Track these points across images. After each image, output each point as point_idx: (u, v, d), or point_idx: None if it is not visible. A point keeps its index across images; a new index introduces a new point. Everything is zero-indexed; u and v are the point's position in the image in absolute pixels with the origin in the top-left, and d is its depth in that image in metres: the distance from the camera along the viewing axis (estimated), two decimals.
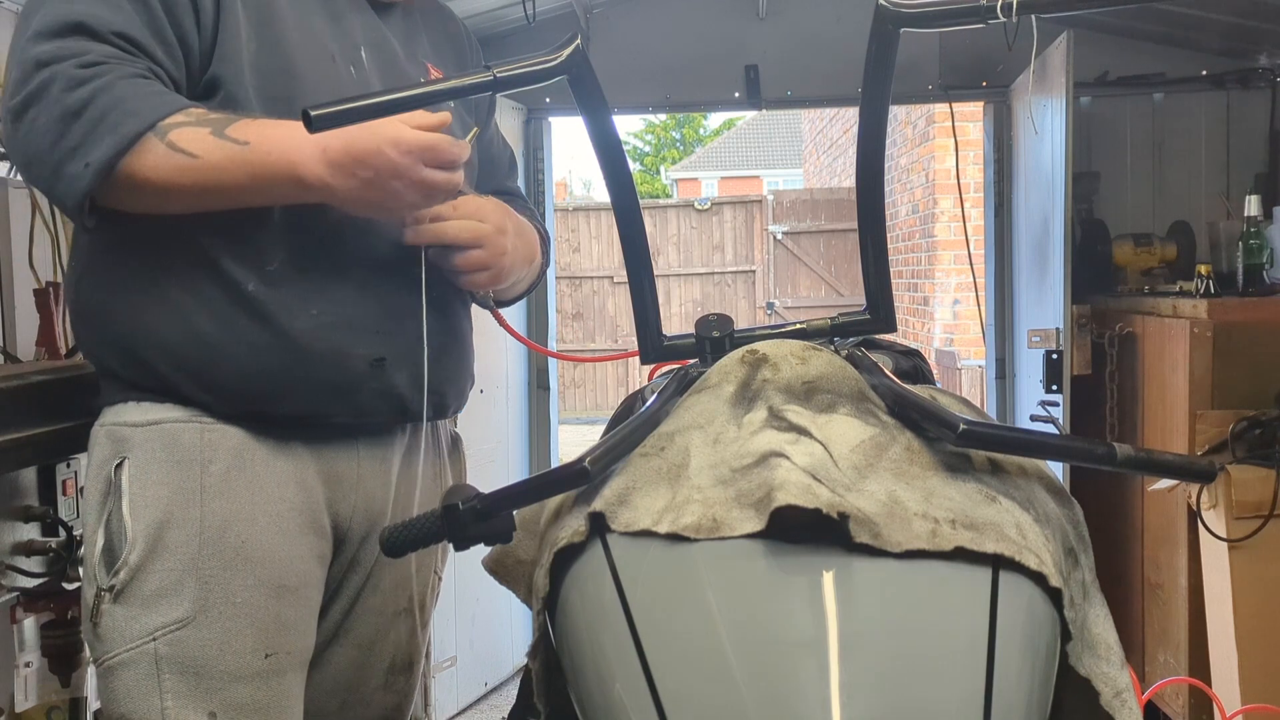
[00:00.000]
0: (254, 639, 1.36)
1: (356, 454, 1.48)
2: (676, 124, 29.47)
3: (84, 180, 1.23)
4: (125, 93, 1.24)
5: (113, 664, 1.34)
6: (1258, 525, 2.71)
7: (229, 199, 1.30)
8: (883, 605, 0.93)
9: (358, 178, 1.25)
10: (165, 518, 1.35)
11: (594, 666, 0.97)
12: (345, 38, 1.46)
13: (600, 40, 3.94)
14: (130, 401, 1.39)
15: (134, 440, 1.37)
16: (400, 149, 1.22)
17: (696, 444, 1.09)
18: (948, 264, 7.63)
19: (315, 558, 1.44)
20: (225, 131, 1.26)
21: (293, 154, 1.25)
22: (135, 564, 1.34)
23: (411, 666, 1.64)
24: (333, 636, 1.53)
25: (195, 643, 1.34)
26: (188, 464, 1.37)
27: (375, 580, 1.54)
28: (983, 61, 3.92)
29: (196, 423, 1.38)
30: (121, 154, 1.23)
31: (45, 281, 2.05)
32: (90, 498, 1.39)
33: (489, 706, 3.94)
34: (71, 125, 1.23)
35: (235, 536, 1.37)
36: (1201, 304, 2.99)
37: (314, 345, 1.38)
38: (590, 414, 11.58)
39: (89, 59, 1.25)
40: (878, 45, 1.22)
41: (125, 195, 1.28)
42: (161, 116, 1.25)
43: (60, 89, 1.23)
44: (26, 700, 1.68)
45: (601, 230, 12.01)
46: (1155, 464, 1.09)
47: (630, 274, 1.37)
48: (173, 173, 1.25)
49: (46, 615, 1.69)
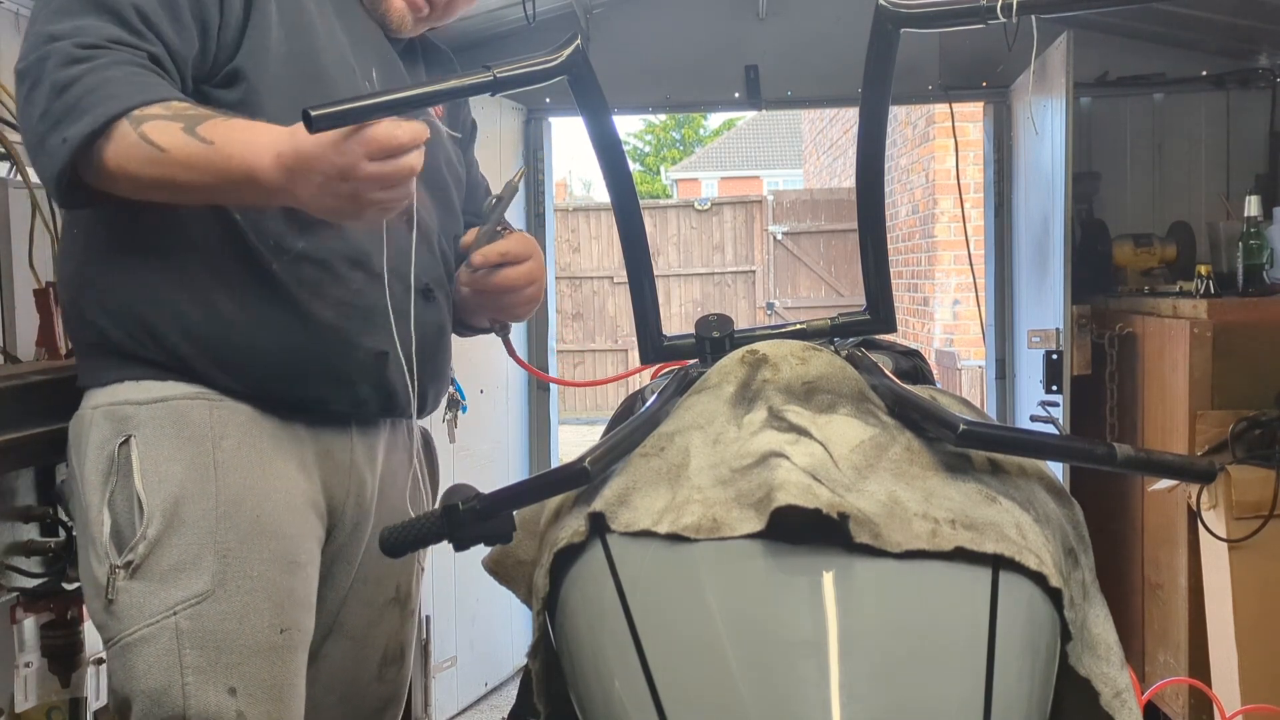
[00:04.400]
0: (270, 613, 1.37)
1: (350, 441, 1.50)
2: (676, 124, 29.47)
3: (61, 154, 1.25)
4: (112, 75, 1.26)
5: (131, 640, 1.33)
6: (1258, 525, 2.71)
7: (198, 195, 1.31)
8: (883, 605, 0.93)
9: (311, 183, 1.23)
10: (181, 492, 1.35)
11: (594, 666, 0.97)
12: (361, 57, 1.50)
13: (600, 40, 3.94)
14: (126, 381, 1.39)
15: (139, 418, 1.37)
16: (337, 148, 1.19)
17: (696, 444, 1.09)
18: (948, 264, 7.63)
19: (314, 538, 1.46)
20: (196, 129, 1.26)
21: (250, 158, 1.24)
22: (154, 538, 1.34)
23: (403, 657, 1.65)
24: (328, 631, 1.54)
25: (215, 616, 1.34)
26: (199, 440, 1.38)
27: (364, 571, 1.56)
28: (983, 61, 3.92)
29: (204, 400, 1.39)
30: (97, 134, 1.24)
31: (45, 281, 2.04)
32: (90, 479, 1.38)
33: (489, 706, 3.94)
34: (56, 100, 1.25)
35: (250, 510, 1.38)
36: (1201, 304, 2.99)
37: (328, 331, 1.41)
38: (590, 414, 11.57)
39: (88, 40, 1.27)
40: (878, 45, 1.22)
41: (102, 178, 1.28)
42: (140, 104, 1.25)
43: (55, 64, 1.25)
44: (26, 700, 1.68)
45: (601, 230, 12.01)
46: (1155, 464, 1.09)
47: (630, 274, 1.37)
48: (141, 163, 1.26)
49: (46, 615, 1.69)
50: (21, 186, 2.02)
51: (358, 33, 1.52)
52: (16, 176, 2.02)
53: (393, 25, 1.56)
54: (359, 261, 1.42)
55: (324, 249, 1.40)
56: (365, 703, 1.61)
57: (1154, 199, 3.95)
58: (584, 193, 29.97)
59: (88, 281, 1.42)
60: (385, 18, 1.55)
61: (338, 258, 1.41)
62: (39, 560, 1.64)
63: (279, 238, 1.38)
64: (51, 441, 1.57)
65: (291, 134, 1.22)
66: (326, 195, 1.24)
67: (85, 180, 1.29)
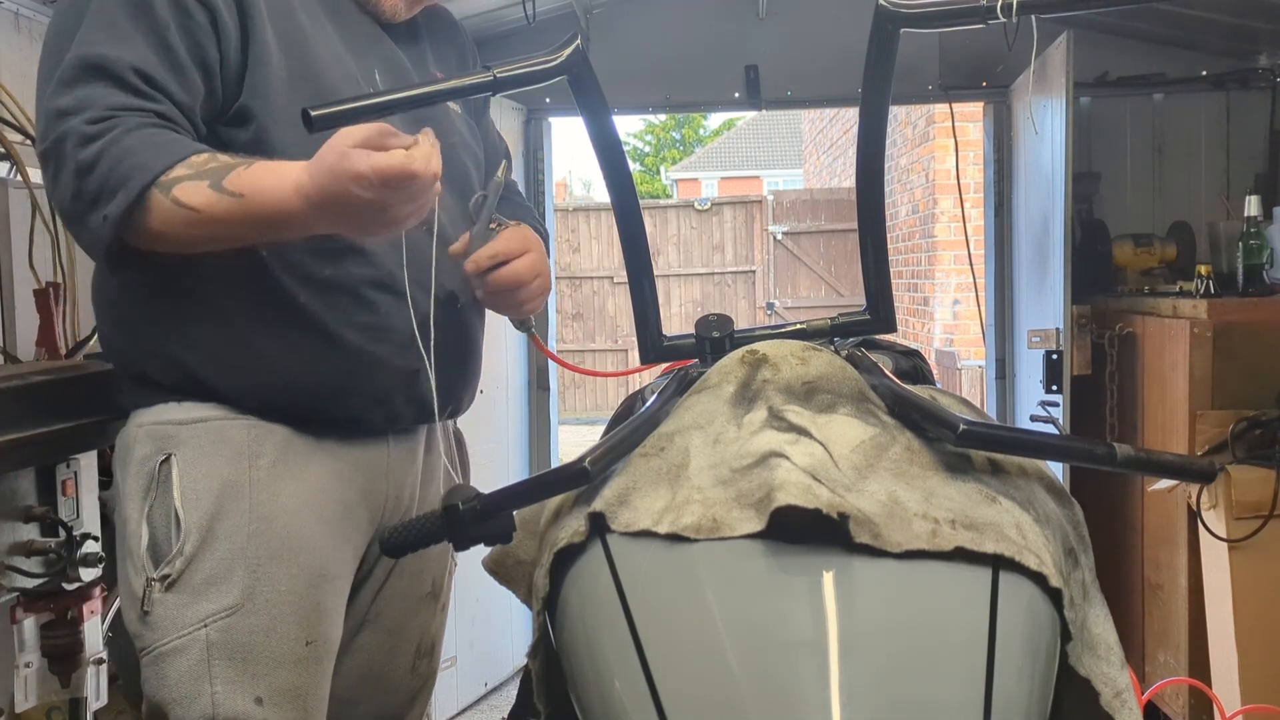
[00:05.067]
0: (297, 626, 1.41)
1: (387, 448, 1.53)
2: (676, 124, 29.47)
3: (105, 232, 1.29)
4: (130, 145, 1.28)
5: (164, 650, 1.38)
6: (1258, 525, 2.71)
7: (239, 242, 1.34)
8: (883, 605, 0.93)
9: (344, 215, 1.26)
10: (216, 509, 1.39)
11: (594, 666, 0.97)
12: (362, 60, 1.50)
13: (600, 40, 3.93)
14: (171, 402, 1.43)
15: (180, 437, 1.41)
16: (364, 187, 1.21)
17: (696, 444, 1.09)
18: (948, 264, 7.63)
19: (351, 548, 1.50)
20: (223, 184, 1.28)
21: (281, 205, 1.27)
22: (190, 553, 1.38)
23: (434, 650, 1.72)
24: (361, 623, 1.59)
25: (244, 629, 1.38)
26: (236, 458, 1.41)
27: (400, 566, 1.59)
28: (983, 61, 3.92)
29: (243, 420, 1.43)
30: (133, 208, 1.27)
31: (45, 282, 2.05)
32: (130, 493, 1.42)
33: (489, 706, 3.94)
34: (85, 180, 1.28)
35: (281, 527, 1.41)
36: (1201, 304, 2.99)
37: (359, 355, 1.44)
38: (590, 414, 11.58)
39: (97, 114, 1.29)
40: (878, 45, 1.22)
41: (146, 242, 1.32)
42: (164, 170, 1.28)
43: (73, 145, 1.28)
44: (26, 700, 1.68)
45: (601, 230, 12.01)
46: (1155, 464, 1.09)
47: (630, 274, 1.37)
48: (180, 226, 1.29)
49: (46, 615, 1.69)
50: (21, 186, 2.02)
51: (354, 32, 1.51)
52: (16, 176, 2.02)
53: (386, 14, 1.55)
54: (384, 284, 1.44)
55: (349, 275, 1.42)
56: (398, 694, 1.66)
57: (1154, 199, 3.95)
58: (584, 193, 29.97)
59: (123, 323, 1.47)
60: (377, 7, 1.55)
61: (363, 283, 1.43)
62: (39, 560, 1.64)
63: (304, 268, 1.40)
64: (51, 441, 1.57)
65: (312, 175, 1.24)
66: (362, 222, 1.27)
67: (130, 245, 1.32)
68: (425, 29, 1.66)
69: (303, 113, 1.15)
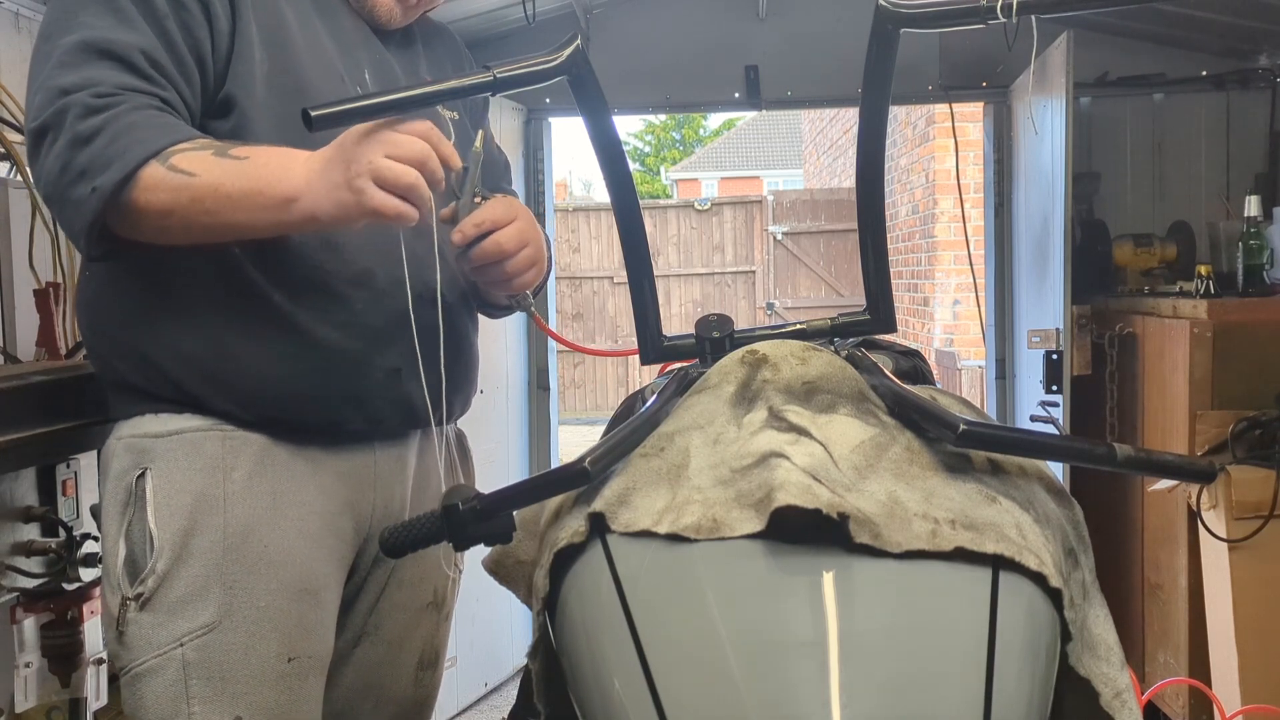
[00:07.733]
0: (277, 643, 1.38)
1: (373, 455, 1.50)
2: (676, 124, 29.46)
3: (90, 204, 1.24)
4: (135, 120, 1.26)
5: (140, 671, 1.35)
6: (1258, 525, 2.71)
7: (222, 223, 1.28)
8: (883, 606, 0.93)
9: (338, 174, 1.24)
10: (190, 525, 1.36)
11: (594, 667, 0.97)
12: (351, 60, 1.48)
13: (600, 40, 3.93)
14: (147, 414, 1.41)
15: (155, 451, 1.38)
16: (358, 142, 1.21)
17: (696, 444, 1.09)
18: (948, 264, 7.63)
19: (335, 560, 1.46)
20: (228, 151, 1.27)
21: (285, 170, 1.25)
22: (163, 571, 1.35)
23: (437, 662, 1.67)
24: (359, 635, 1.55)
25: (220, 648, 1.35)
26: (210, 471, 1.38)
27: (399, 576, 1.56)
28: (983, 62, 3.92)
29: (218, 431, 1.40)
30: (128, 179, 1.23)
31: (45, 282, 2.05)
32: (109, 509, 1.40)
33: (489, 706, 3.94)
34: (81, 151, 1.24)
35: (258, 541, 1.38)
36: (1201, 304, 2.99)
37: (336, 354, 1.40)
38: (590, 414, 11.57)
39: (104, 89, 1.26)
40: (878, 45, 1.22)
41: (129, 220, 1.28)
42: (167, 145, 1.26)
43: (74, 117, 1.25)
44: (26, 700, 1.68)
45: (601, 230, 12.00)
46: (1155, 464, 1.09)
47: (630, 274, 1.37)
48: (167, 194, 1.25)
49: (46, 615, 1.69)
50: (21, 186, 2.02)
51: (345, 34, 1.50)
52: (16, 176, 2.02)
53: (381, 19, 1.53)
54: (360, 281, 1.41)
55: (323, 272, 1.39)
56: (401, 706, 1.62)
57: (1154, 199, 3.95)
58: (584, 193, 29.97)
59: (100, 327, 1.45)
60: (373, 13, 1.53)
61: (338, 280, 1.40)
62: (39, 560, 1.64)
63: (278, 267, 1.38)
64: (51, 441, 1.57)
65: (323, 152, 1.24)
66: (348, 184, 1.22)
67: (112, 230, 1.29)
68: (420, 36, 1.65)
69: (303, 112, 1.15)
